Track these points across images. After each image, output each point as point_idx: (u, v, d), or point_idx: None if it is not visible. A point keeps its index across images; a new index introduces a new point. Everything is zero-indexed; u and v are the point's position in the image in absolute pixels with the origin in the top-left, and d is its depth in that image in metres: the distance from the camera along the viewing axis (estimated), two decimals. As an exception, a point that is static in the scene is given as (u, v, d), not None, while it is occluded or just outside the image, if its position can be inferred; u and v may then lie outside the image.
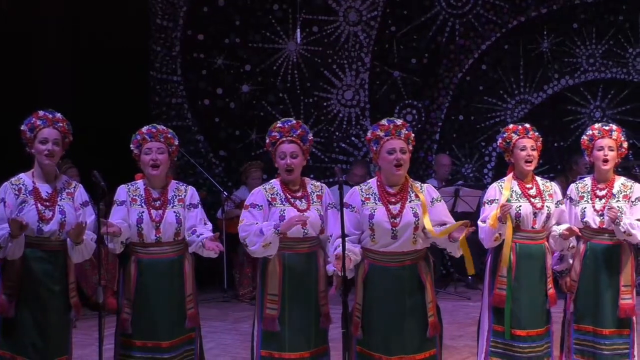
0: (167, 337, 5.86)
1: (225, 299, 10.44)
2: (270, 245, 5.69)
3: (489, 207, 6.19)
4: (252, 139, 11.68)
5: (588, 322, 6.23)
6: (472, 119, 12.15)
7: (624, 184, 6.27)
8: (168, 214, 5.89)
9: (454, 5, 12.03)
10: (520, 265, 6.13)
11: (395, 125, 5.73)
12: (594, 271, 6.21)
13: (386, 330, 5.64)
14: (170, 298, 5.88)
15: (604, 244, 6.20)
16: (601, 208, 6.18)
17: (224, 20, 11.59)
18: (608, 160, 6.22)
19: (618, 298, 6.17)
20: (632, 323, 6.22)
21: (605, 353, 6.17)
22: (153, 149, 5.90)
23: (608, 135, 6.25)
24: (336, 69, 11.89)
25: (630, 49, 12.34)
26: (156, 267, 5.87)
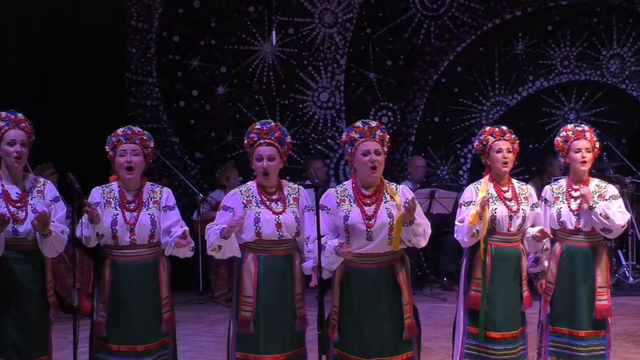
0: (143, 341, 5.82)
1: (201, 301, 10.42)
2: (219, 249, 5.70)
3: (466, 209, 6.20)
4: (228, 140, 11.66)
5: (564, 324, 6.25)
6: (448, 120, 12.19)
7: (598, 184, 6.31)
8: (142, 216, 5.85)
9: (429, 8, 12.07)
10: (495, 268, 6.15)
11: (370, 127, 5.73)
12: (570, 273, 6.23)
13: (363, 333, 5.64)
14: (145, 301, 5.84)
15: (579, 246, 6.24)
16: (577, 208, 6.21)
17: (199, 22, 11.57)
18: (586, 161, 6.26)
19: (594, 299, 6.20)
20: (608, 324, 6.26)
21: (582, 355, 6.20)
22: (128, 151, 5.86)
23: (583, 137, 6.27)
24: (312, 71, 11.89)
25: (604, 51, 12.42)
26: (131, 270, 5.84)
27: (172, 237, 5.85)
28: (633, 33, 12.43)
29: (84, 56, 10.65)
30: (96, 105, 10.52)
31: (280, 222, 5.75)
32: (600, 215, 6.10)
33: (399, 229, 5.60)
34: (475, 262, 6.18)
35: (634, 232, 10.56)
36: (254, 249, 5.79)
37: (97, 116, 10.10)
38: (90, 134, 7.69)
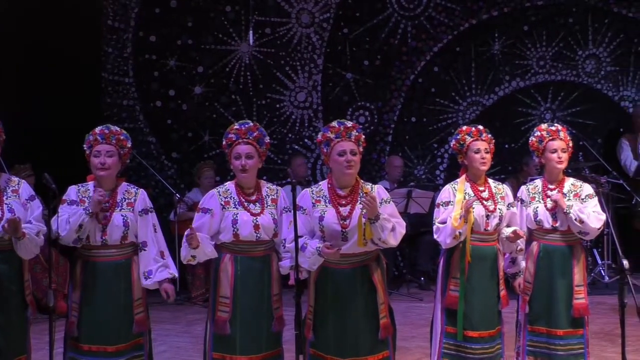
0: (113, 342, 5.80)
1: (177, 302, 10.38)
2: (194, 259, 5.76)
3: (444, 209, 6.22)
4: (205, 140, 11.64)
5: (542, 323, 6.29)
6: (425, 120, 12.21)
7: (573, 184, 6.35)
8: (115, 217, 5.83)
9: (406, 8, 12.09)
10: (472, 267, 6.17)
11: (345, 127, 5.74)
12: (548, 272, 6.27)
13: (338, 332, 5.65)
14: (116, 302, 5.83)
15: (556, 245, 6.27)
16: (553, 208, 6.24)
17: (176, 21, 11.54)
18: (562, 161, 6.29)
19: (572, 298, 6.23)
20: (586, 322, 6.30)
21: (560, 353, 6.23)
22: (102, 152, 5.83)
23: (558, 137, 6.31)
24: (289, 71, 11.88)
25: (580, 51, 12.48)
26: (102, 270, 5.82)
27: (147, 282, 5.91)
28: (609, 33, 12.50)
29: (60, 56, 10.60)
30: (73, 105, 10.47)
31: (258, 223, 5.75)
32: (576, 220, 6.13)
33: (360, 226, 5.60)
34: (453, 261, 6.19)
35: (609, 231, 10.61)
36: (231, 249, 5.79)
37: (74, 116, 10.05)
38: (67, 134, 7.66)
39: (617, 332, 6.97)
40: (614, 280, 10.56)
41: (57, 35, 10.59)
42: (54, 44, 10.60)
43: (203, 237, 5.72)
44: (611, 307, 9.41)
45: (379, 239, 5.61)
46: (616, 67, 12.59)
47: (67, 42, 10.63)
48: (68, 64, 10.64)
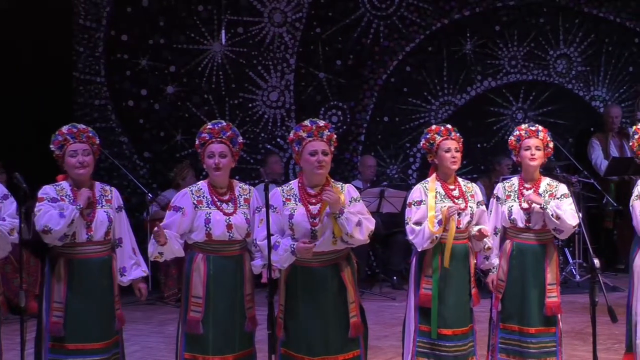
0: (100, 338, 5.82)
1: (149, 301, 10.34)
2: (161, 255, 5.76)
3: (417, 209, 6.22)
4: (177, 140, 11.61)
5: (514, 321, 6.31)
6: (397, 120, 12.23)
7: (549, 183, 6.38)
8: (99, 213, 5.84)
9: (379, 7, 12.10)
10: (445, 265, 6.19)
11: (317, 127, 5.74)
12: (521, 270, 6.30)
13: (308, 331, 5.65)
14: (102, 298, 5.85)
15: (529, 244, 6.31)
16: (527, 208, 6.28)
17: (148, 20, 11.50)
18: (535, 159, 6.32)
19: (544, 296, 6.27)
20: (558, 321, 6.33)
21: (532, 351, 6.26)
22: (79, 151, 5.83)
23: (535, 135, 6.35)
24: (261, 70, 11.87)
25: (551, 51, 12.55)
26: (88, 267, 5.82)
27: (123, 280, 5.93)
28: (579, 33, 12.58)
29: (31, 55, 10.54)
30: (44, 104, 10.42)
31: (230, 223, 5.75)
32: (552, 216, 6.16)
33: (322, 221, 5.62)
34: (426, 260, 6.20)
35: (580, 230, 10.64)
36: (204, 249, 5.78)
37: (45, 115, 9.99)
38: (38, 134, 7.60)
39: (588, 331, 7.03)
40: (585, 279, 10.62)
41: (28, 34, 10.53)
42: (25, 43, 10.54)
43: (171, 234, 5.71)
44: (582, 305, 9.45)
45: (346, 234, 5.60)
46: (587, 67, 12.67)
47: (38, 42, 10.58)
48: (39, 63, 10.58)
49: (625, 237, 11.56)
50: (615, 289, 10.36)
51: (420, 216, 6.19)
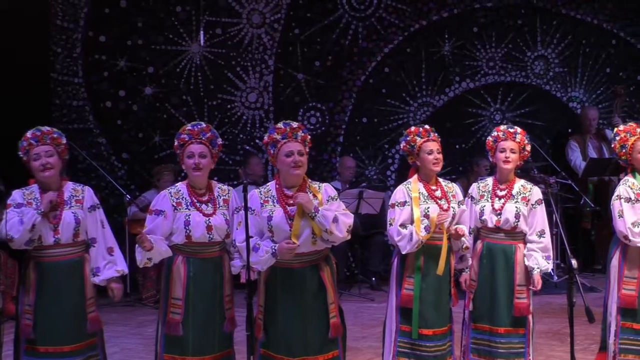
0: (69, 342, 5.80)
1: (128, 303, 10.32)
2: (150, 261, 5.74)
3: (400, 210, 6.23)
4: (156, 141, 11.57)
5: (485, 321, 6.35)
6: (376, 121, 12.24)
7: (523, 186, 6.41)
8: (66, 215, 5.82)
9: (357, 9, 12.11)
10: (428, 265, 6.21)
11: (292, 128, 5.76)
12: (490, 271, 6.34)
13: (288, 332, 5.67)
14: (72, 301, 5.83)
15: (499, 244, 6.34)
16: (500, 207, 6.30)
17: (126, 21, 11.45)
18: (509, 161, 6.35)
19: (513, 297, 6.29)
20: (528, 322, 6.35)
21: (500, 351, 6.29)
22: (41, 154, 5.82)
23: (511, 138, 6.37)
24: (240, 72, 11.85)
25: (529, 53, 12.59)
26: (57, 270, 5.81)
27: (95, 280, 5.89)
28: (557, 35, 12.63)
29: (8, 56, 10.48)
30: (22, 105, 10.35)
31: (210, 224, 5.76)
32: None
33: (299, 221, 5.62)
34: (408, 260, 6.21)
35: (558, 231, 10.71)
36: (183, 251, 5.79)
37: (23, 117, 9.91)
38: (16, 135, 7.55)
39: (565, 331, 7.06)
40: (563, 280, 10.66)
41: (5, 35, 10.47)
42: (1, 44, 10.47)
43: (157, 238, 5.70)
44: (560, 306, 9.50)
45: (325, 231, 5.61)
46: (564, 68, 12.73)
47: (15, 43, 10.51)
48: (16, 64, 10.51)
49: (602, 237, 11.63)
50: (593, 289, 10.41)
51: (406, 218, 6.20)
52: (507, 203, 6.30)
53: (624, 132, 6.57)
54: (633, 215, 6.38)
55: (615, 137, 6.61)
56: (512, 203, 6.30)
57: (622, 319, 6.50)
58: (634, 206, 6.41)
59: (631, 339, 6.50)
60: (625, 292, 6.48)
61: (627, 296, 6.47)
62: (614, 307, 6.54)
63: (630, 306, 6.47)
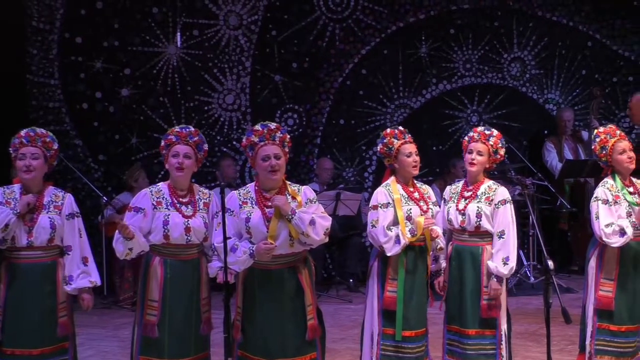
0: (38, 345, 5.77)
1: (105, 305, 10.29)
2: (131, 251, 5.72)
3: (384, 211, 6.22)
4: (132, 143, 11.54)
5: (456, 323, 6.36)
6: (353, 123, 12.25)
7: (489, 186, 6.39)
8: (42, 219, 5.80)
9: (334, 10, 12.12)
10: (409, 267, 6.21)
11: (269, 130, 5.76)
12: (459, 272, 6.34)
13: (266, 333, 5.67)
14: (42, 304, 5.80)
15: (466, 245, 6.34)
16: (463, 208, 6.31)
17: (102, 23, 11.41)
18: (475, 163, 6.36)
19: (480, 299, 6.29)
20: (498, 324, 6.34)
21: (469, 353, 6.28)
22: (27, 155, 5.81)
23: (484, 140, 6.38)
24: (217, 73, 11.84)
25: (505, 55, 12.64)
26: (29, 272, 5.79)
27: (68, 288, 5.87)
28: (533, 37, 12.68)
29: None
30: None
31: (189, 226, 5.76)
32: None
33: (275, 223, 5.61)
34: (391, 263, 6.21)
35: (534, 232, 10.75)
36: (161, 252, 5.78)
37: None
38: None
39: (542, 332, 7.08)
40: (540, 281, 10.69)
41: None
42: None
43: (134, 229, 5.68)
44: (536, 307, 9.54)
45: (302, 233, 5.62)
46: (541, 70, 12.78)
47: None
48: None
49: (579, 238, 11.71)
50: (569, 290, 10.45)
51: (390, 219, 6.20)
52: (470, 203, 6.31)
53: (604, 134, 6.61)
54: (608, 217, 6.41)
55: (595, 138, 6.64)
56: (475, 203, 6.30)
57: (599, 320, 6.53)
58: (611, 208, 6.45)
59: (607, 340, 6.53)
60: (601, 294, 6.51)
61: (604, 297, 6.50)
62: (591, 309, 6.57)
63: (607, 307, 6.50)
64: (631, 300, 6.57)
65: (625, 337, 6.55)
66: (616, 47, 12.93)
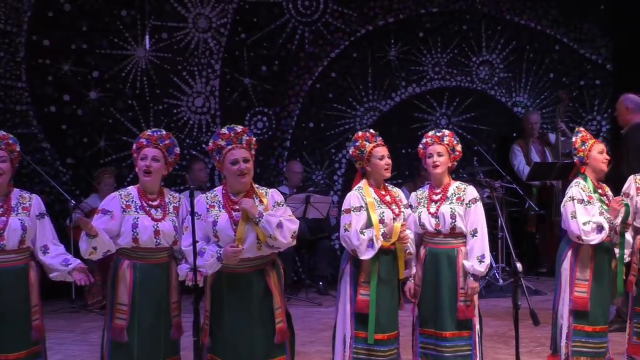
0: (13, 349, 5.73)
1: (73, 309, 10.23)
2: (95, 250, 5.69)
3: (357, 215, 6.21)
4: (101, 146, 11.47)
5: (430, 325, 6.37)
6: (323, 126, 12.26)
7: (458, 187, 6.43)
8: (12, 221, 5.76)
9: (304, 14, 12.12)
10: (381, 270, 6.22)
11: (236, 133, 5.77)
12: (434, 275, 6.35)
13: (234, 337, 5.66)
14: (16, 308, 5.76)
15: (441, 248, 6.36)
16: (435, 211, 6.33)
17: (70, 25, 11.34)
18: (438, 165, 6.39)
19: (456, 300, 6.32)
20: (474, 325, 6.37)
21: (446, 355, 6.31)
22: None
23: (439, 142, 6.42)
24: (186, 76, 11.81)
25: (474, 58, 12.70)
26: (2, 276, 5.75)
27: (70, 267, 5.76)
28: (501, 40, 12.75)
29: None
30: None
31: (158, 229, 5.74)
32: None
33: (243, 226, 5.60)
34: (364, 266, 6.21)
35: (503, 234, 10.80)
36: (130, 256, 5.76)
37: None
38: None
39: (511, 334, 7.10)
40: (508, 283, 10.74)
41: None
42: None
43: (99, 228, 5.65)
44: (505, 309, 9.58)
45: (269, 236, 5.61)
46: (509, 73, 12.85)
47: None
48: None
49: (547, 241, 11.78)
50: (538, 292, 10.52)
51: (363, 223, 6.21)
52: (442, 205, 6.34)
53: (584, 132, 6.76)
54: (585, 215, 6.48)
55: (577, 133, 6.74)
56: (447, 204, 6.33)
57: (574, 321, 6.57)
58: (587, 207, 6.51)
59: (582, 341, 6.57)
60: (577, 295, 6.55)
61: (579, 298, 6.55)
62: (565, 310, 6.61)
63: (582, 308, 6.54)
64: (604, 300, 6.64)
65: (599, 337, 6.62)
66: (583, 50, 13.03)
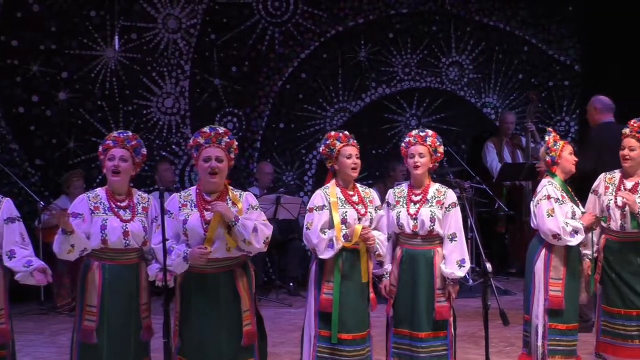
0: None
1: (42, 311, 10.17)
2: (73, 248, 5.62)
3: (319, 214, 6.23)
4: (70, 147, 11.41)
5: (405, 326, 6.38)
6: (293, 126, 12.26)
7: (438, 189, 6.46)
8: (-21, 224, 5.71)
9: (273, 14, 12.11)
10: (346, 269, 6.23)
11: (216, 133, 5.77)
12: (411, 276, 6.36)
13: (202, 338, 5.65)
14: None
15: (418, 249, 6.37)
16: (415, 212, 6.35)
17: (38, 25, 11.26)
18: (419, 165, 6.40)
19: (433, 301, 6.34)
20: (449, 325, 6.40)
21: (422, 356, 6.32)
22: None
23: (421, 142, 6.42)
24: (156, 77, 11.76)
25: (444, 59, 12.74)
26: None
27: (31, 269, 5.67)
28: (471, 41, 12.80)
29: None
30: None
31: (127, 230, 5.72)
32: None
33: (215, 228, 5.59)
34: (327, 265, 6.22)
35: (473, 235, 10.83)
36: (99, 257, 5.73)
37: None
38: None
39: (480, 334, 7.14)
40: (478, 283, 10.79)
41: None
42: None
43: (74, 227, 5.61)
44: (475, 309, 9.61)
45: (243, 240, 5.60)
46: (478, 74, 12.91)
47: None
48: None
49: (516, 241, 11.84)
50: (507, 292, 10.57)
51: (324, 222, 6.21)
52: (422, 207, 6.35)
53: (555, 133, 6.84)
54: (562, 215, 6.52)
55: (548, 133, 6.80)
56: (427, 207, 6.35)
57: (550, 320, 6.61)
58: (562, 207, 6.56)
59: (557, 340, 6.62)
60: (552, 294, 6.59)
61: (555, 297, 6.59)
62: (540, 310, 6.64)
63: (558, 307, 6.59)
64: (575, 298, 6.71)
65: (572, 335, 6.68)
66: (552, 51, 13.11)
